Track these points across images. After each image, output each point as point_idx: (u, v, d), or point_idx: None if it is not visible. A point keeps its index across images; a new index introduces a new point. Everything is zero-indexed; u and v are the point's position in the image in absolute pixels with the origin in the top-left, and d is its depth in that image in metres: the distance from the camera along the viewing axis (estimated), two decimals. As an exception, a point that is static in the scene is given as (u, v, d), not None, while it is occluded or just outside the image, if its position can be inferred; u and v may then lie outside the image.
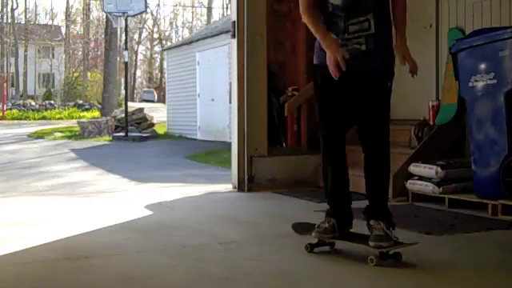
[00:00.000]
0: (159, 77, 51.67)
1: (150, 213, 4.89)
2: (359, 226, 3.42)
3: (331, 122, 3.42)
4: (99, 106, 27.30)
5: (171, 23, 54.79)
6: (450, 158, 5.33)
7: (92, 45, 46.84)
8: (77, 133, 19.25)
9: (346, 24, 3.18)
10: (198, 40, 19.63)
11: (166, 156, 13.83)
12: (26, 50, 45.49)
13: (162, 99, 41.35)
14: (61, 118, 28.65)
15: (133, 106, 25.06)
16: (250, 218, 4.68)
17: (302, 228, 3.68)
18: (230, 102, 7.02)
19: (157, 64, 54.64)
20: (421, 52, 6.46)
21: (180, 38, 47.12)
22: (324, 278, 2.95)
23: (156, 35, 52.95)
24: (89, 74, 42.91)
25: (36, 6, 57.58)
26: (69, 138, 18.80)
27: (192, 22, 53.41)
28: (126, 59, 20.09)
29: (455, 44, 4.94)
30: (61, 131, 20.55)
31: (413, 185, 5.27)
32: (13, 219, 4.68)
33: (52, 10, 69.06)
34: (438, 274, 2.97)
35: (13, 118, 29.00)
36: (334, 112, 3.40)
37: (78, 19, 51.45)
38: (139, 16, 34.46)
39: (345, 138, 3.52)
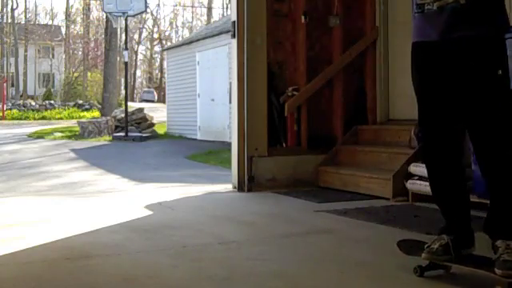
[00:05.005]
0: (159, 77, 51.69)
1: (150, 213, 4.89)
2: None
3: (431, 118, 2.80)
4: (99, 106, 27.30)
5: (171, 23, 54.86)
6: (450, 158, 5.32)
7: (92, 45, 46.85)
8: (77, 133, 19.25)
9: None
10: (198, 40, 19.64)
11: (166, 156, 13.84)
12: (25, 50, 45.52)
13: (162, 99, 41.37)
14: (61, 118, 28.66)
15: (133, 106, 25.07)
16: (250, 218, 4.68)
17: (409, 246, 3.07)
18: (230, 102, 7.02)
19: (157, 64, 54.68)
20: (421, 52, 6.48)
21: (180, 38, 47.15)
22: (325, 278, 2.95)
23: (156, 35, 53.00)
24: (89, 74, 42.92)
25: (36, 6, 57.70)
26: (69, 137, 18.80)
27: (192, 22, 53.48)
28: (126, 59, 20.09)
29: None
30: (61, 131, 20.55)
31: (413, 185, 5.27)
32: (13, 219, 4.68)
33: (52, 10, 69.15)
34: (439, 274, 2.95)
35: (13, 118, 29.01)
36: (435, 104, 2.77)
37: (78, 19, 51.51)
38: (139, 16, 34.52)
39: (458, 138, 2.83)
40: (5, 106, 30.21)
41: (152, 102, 42.97)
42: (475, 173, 4.73)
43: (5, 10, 46.48)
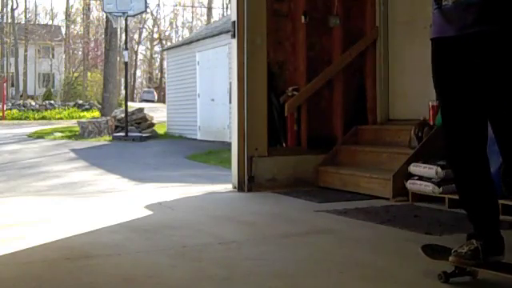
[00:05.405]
0: (159, 77, 51.70)
1: (150, 213, 4.89)
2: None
3: (455, 117, 2.71)
4: (99, 106, 27.31)
5: (171, 23, 54.85)
6: (450, 158, 5.32)
7: (92, 45, 46.86)
8: (77, 133, 19.25)
9: None
10: (198, 40, 19.64)
11: (166, 156, 13.84)
12: (25, 50, 45.52)
13: (162, 99, 41.37)
14: (61, 118, 28.66)
15: (133, 106, 25.08)
16: (250, 218, 4.68)
17: (434, 251, 2.95)
18: (230, 102, 7.02)
19: (157, 64, 54.69)
20: (421, 52, 6.47)
21: (180, 38, 47.15)
22: (325, 278, 2.95)
23: (156, 35, 53.00)
24: (89, 74, 42.93)
25: (36, 6, 57.71)
26: (69, 137, 18.80)
27: (192, 22, 53.49)
28: (126, 59, 20.09)
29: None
30: (61, 131, 20.55)
31: (413, 185, 5.27)
32: (13, 219, 4.68)
33: (52, 9, 69.20)
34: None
35: (13, 118, 29.01)
36: (457, 102, 2.68)
37: (78, 19, 51.52)
38: (139, 16, 34.50)
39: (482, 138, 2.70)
40: (5, 105, 30.21)
41: (152, 101, 42.99)
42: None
43: (5, 10, 46.51)
